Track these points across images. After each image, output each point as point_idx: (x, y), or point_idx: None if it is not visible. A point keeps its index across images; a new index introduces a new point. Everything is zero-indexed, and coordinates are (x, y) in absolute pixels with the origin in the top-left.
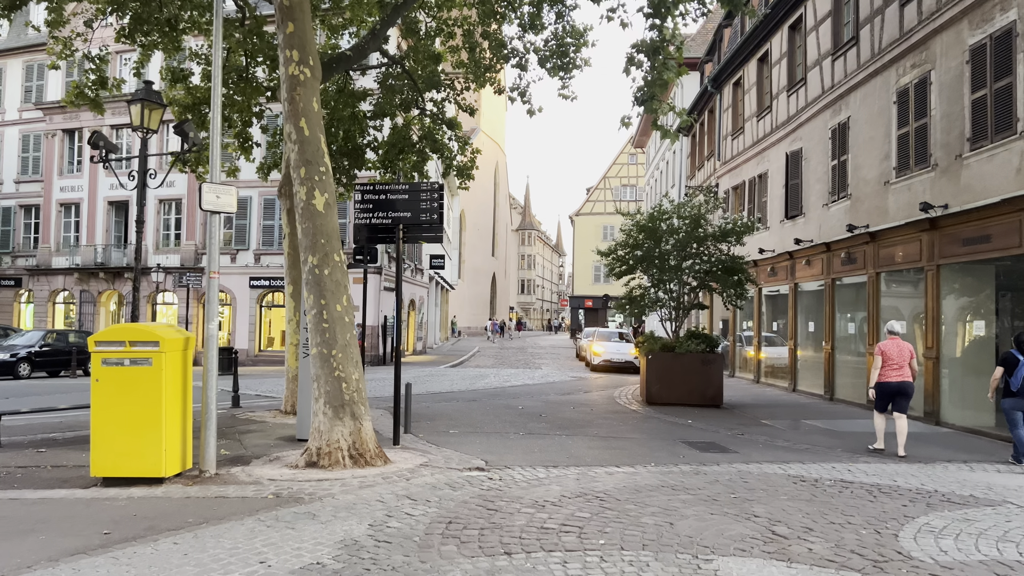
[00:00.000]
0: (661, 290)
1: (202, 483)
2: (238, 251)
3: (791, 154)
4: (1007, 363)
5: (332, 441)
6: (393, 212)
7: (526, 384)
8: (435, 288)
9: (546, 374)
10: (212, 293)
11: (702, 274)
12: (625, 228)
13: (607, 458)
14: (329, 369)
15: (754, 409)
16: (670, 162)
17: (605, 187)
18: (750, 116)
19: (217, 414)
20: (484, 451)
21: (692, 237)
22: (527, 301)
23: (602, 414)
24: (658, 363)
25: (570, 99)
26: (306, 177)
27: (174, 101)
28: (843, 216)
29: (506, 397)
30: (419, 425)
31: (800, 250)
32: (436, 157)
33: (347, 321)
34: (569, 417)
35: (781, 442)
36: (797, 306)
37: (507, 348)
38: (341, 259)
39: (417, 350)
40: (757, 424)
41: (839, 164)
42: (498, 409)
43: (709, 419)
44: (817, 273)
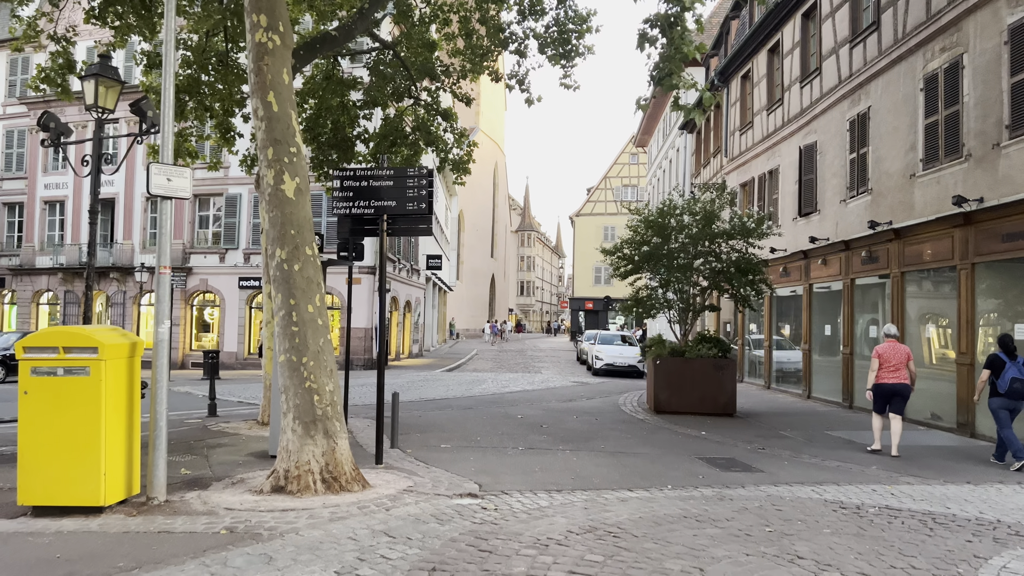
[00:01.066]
0: (670, 291)
1: (148, 513)
2: (227, 250)
3: (805, 148)
4: (994, 365)
5: (302, 462)
6: (376, 201)
7: (525, 390)
8: (432, 289)
9: (546, 379)
10: (162, 291)
11: (714, 274)
12: (632, 224)
13: (617, 479)
14: (299, 379)
15: (770, 418)
16: (673, 160)
17: (606, 187)
18: (759, 110)
19: (188, 425)
20: (479, 471)
21: (704, 234)
22: (526, 303)
23: (608, 424)
24: (667, 369)
25: (572, 88)
26: (274, 159)
27: (151, 89)
28: (863, 212)
29: (504, 405)
30: (408, 438)
31: (815, 249)
32: (430, 150)
33: (320, 324)
34: (572, 428)
35: (807, 458)
36: (812, 308)
37: (506, 351)
38: (314, 253)
39: (413, 353)
40: (776, 436)
41: (858, 157)
42: (495, 419)
43: (724, 430)
44: (834, 273)
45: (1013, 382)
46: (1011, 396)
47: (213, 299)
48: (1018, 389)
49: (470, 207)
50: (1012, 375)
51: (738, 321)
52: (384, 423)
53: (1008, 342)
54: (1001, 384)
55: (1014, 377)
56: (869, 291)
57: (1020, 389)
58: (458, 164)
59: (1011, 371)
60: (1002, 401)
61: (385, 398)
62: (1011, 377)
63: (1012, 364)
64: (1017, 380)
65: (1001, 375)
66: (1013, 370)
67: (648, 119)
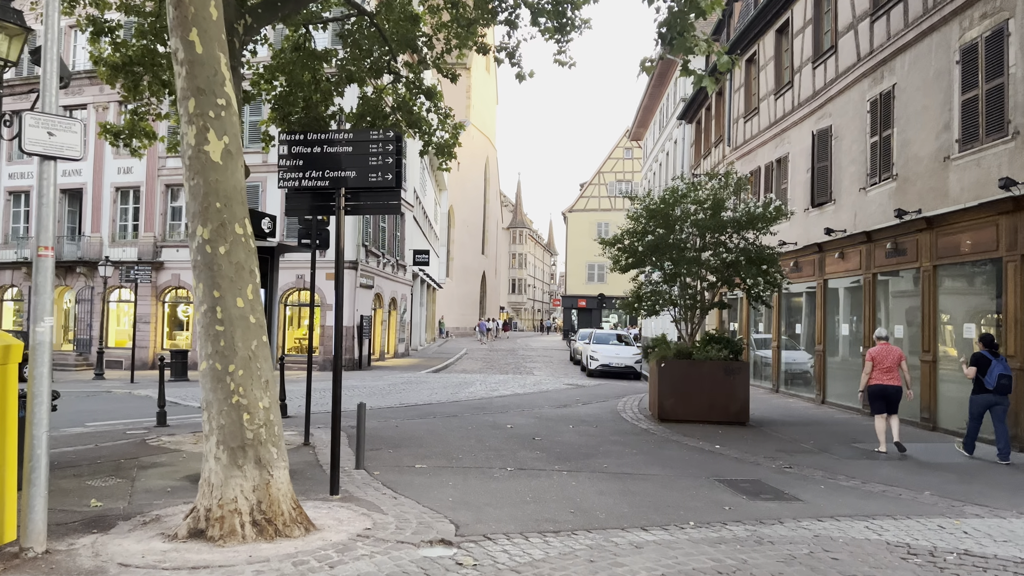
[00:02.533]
0: (675, 285)
1: (16, 570)
2: None
3: (818, 133)
4: (980, 363)
5: (227, 500)
6: (332, 171)
7: (516, 394)
8: (420, 286)
9: (539, 381)
10: (42, 278)
11: (724, 266)
12: (633, 213)
13: (627, 512)
14: (224, 393)
15: (787, 428)
16: (671, 152)
17: (599, 182)
18: (766, 95)
19: (128, 438)
20: (458, 502)
21: (713, 223)
22: (518, 301)
23: (609, 436)
24: (672, 372)
25: (567, 65)
26: (196, 112)
27: (99, 61)
28: (887, 201)
29: (493, 411)
30: (378, 456)
31: (831, 242)
32: (413, 133)
33: (253, 323)
34: (569, 441)
35: (844, 479)
36: (826, 306)
37: (496, 350)
38: (246, 233)
39: (399, 352)
40: (800, 451)
41: (881, 141)
42: (482, 429)
43: (739, 443)
44: (853, 267)
45: (1000, 378)
46: (999, 391)
47: (187, 295)
48: (1005, 385)
49: (461, 203)
50: (999, 371)
51: (743, 319)
52: (355, 439)
53: (991, 340)
54: (988, 381)
55: (1001, 373)
56: (894, 287)
57: (1007, 384)
58: (443, 148)
59: (997, 368)
60: (987, 397)
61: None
62: (998, 373)
63: (997, 361)
64: (1004, 376)
65: (988, 372)
66: (999, 367)
67: (643, 111)
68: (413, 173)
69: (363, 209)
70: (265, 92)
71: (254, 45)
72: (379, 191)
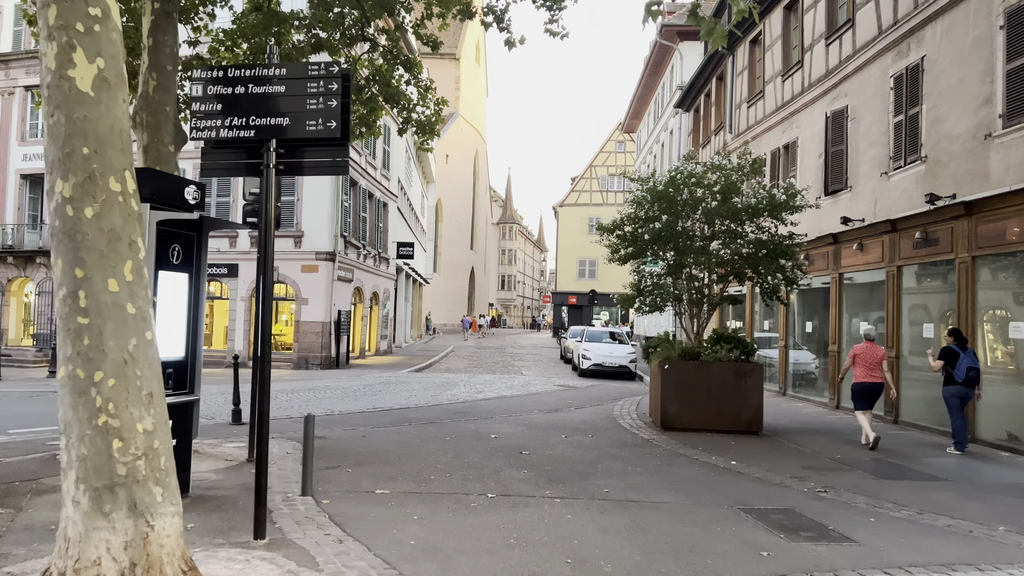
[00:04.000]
0: (680, 278)
1: None
2: None
3: (832, 115)
4: (948, 357)
5: (86, 561)
6: (259, 118)
7: (503, 396)
8: (406, 281)
9: (527, 381)
10: None
11: (737, 259)
12: (636, 196)
13: (640, 562)
14: (88, 411)
15: (806, 439)
16: (666, 144)
17: (591, 176)
18: (773, 76)
19: (46, 450)
20: (421, 547)
21: (724, 210)
22: (507, 297)
23: (607, 448)
24: (677, 375)
25: (560, 36)
26: (59, 25)
27: None
28: (914, 186)
29: (476, 417)
30: (333, 478)
31: (849, 232)
32: (391, 109)
33: (132, 313)
34: (562, 456)
35: (894, 508)
36: (842, 302)
37: (484, 348)
38: (126, 190)
39: (381, 350)
40: (829, 467)
41: (907, 120)
42: (462, 440)
43: (758, 458)
44: (874, 260)
45: (969, 371)
46: (967, 384)
47: None
48: (973, 377)
49: (449, 196)
50: (967, 364)
51: (747, 317)
52: (265, 477)
53: (959, 334)
54: (958, 373)
55: (969, 366)
56: (924, 281)
57: (975, 377)
58: (424, 125)
59: (965, 361)
60: (957, 389)
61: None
62: (967, 366)
63: (965, 355)
64: (972, 369)
65: (956, 365)
66: (967, 360)
67: (637, 101)
68: (398, 162)
69: (301, 168)
70: (227, 61)
71: (213, 8)
72: (321, 145)
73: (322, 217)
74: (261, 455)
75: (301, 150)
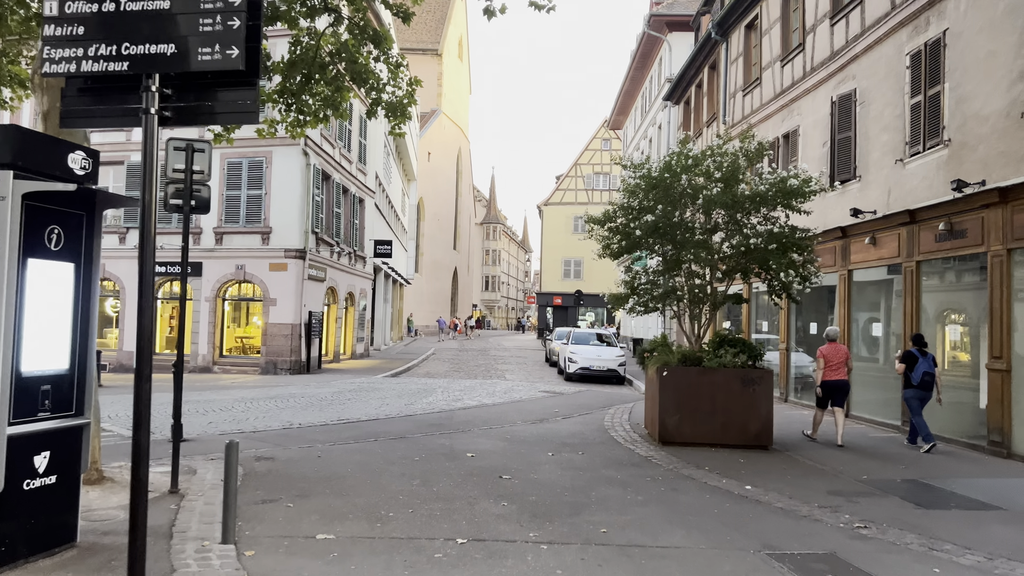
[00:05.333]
0: (678, 275)
1: None
2: (128, 229)
3: (839, 99)
4: (909, 360)
5: None
6: (134, 44)
7: (483, 404)
8: (385, 281)
9: (510, 387)
10: None
11: (742, 252)
12: (629, 184)
13: None
14: None
15: (823, 455)
16: (654, 139)
17: (576, 175)
18: (771, 62)
19: None
20: None
21: (727, 199)
22: (491, 298)
23: (601, 469)
24: (677, 383)
25: (545, 9)
26: None
27: None
28: (935, 172)
29: (451, 431)
30: (268, 516)
31: (859, 225)
32: (359, 89)
33: None
34: (549, 481)
35: (955, 549)
36: (851, 302)
37: (467, 350)
38: None
39: (357, 353)
40: (861, 492)
41: (926, 101)
42: (433, 460)
43: (775, 480)
44: (889, 255)
45: (924, 375)
46: (922, 387)
47: (114, 288)
48: (928, 381)
49: (431, 195)
50: (924, 369)
51: (744, 317)
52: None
53: (920, 340)
54: (914, 377)
55: (925, 371)
56: (948, 276)
57: (930, 381)
58: (395, 107)
59: (923, 366)
60: (915, 392)
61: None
62: (923, 371)
63: (923, 360)
64: (928, 374)
65: (915, 369)
66: (924, 365)
67: (624, 96)
68: (376, 156)
69: (195, 115)
70: None
71: None
72: (220, 83)
73: (291, 212)
74: (136, 516)
75: (193, 89)
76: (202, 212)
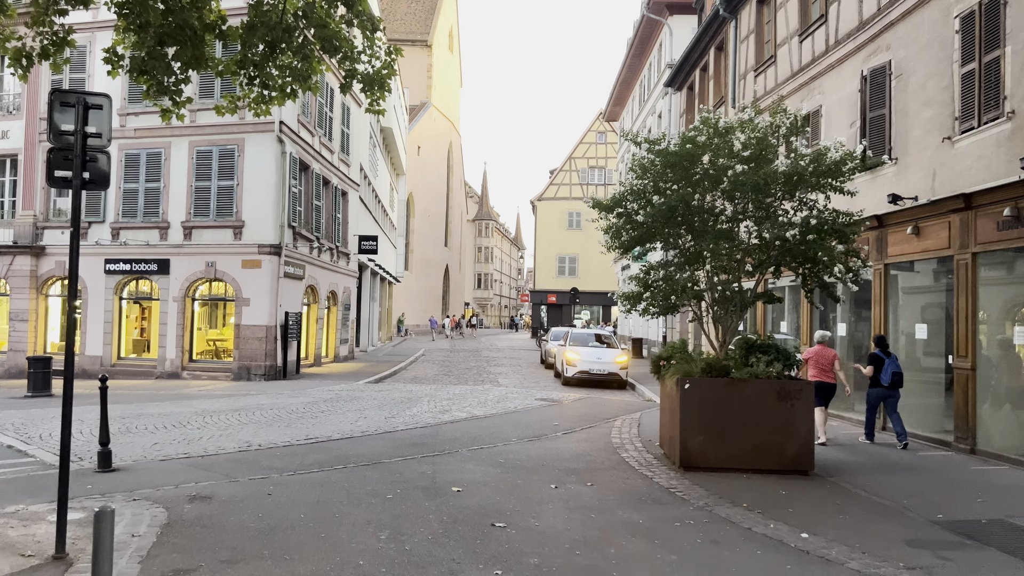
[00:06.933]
0: (700, 270)
1: None
2: (90, 224)
3: (870, 73)
4: (876, 362)
5: None
6: None
7: (473, 417)
8: (372, 279)
9: (504, 395)
10: None
11: (779, 244)
12: (644, 160)
13: None
14: None
15: (875, 481)
16: (654, 128)
17: (571, 168)
18: (787, 38)
19: None
20: None
21: (762, 178)
22: (484, 296)
23: (617, 510)
24: (701, 397)
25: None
26: None
27: None
28: (993, 150)
29: (435, 453)
30: None
31: (899, 213)
32: (331, 59)
33: None
34: (554, 531)
35: None
36: (889, 299)
37: (459, 351)
38: None
39: (340, 356)
40: (949, 542)
41: (980, 69)
42: (408, 500)
43: (831, 520)
44: (937, 246)
45: (894, 375)
46: (893, 386)
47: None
48: (897, 380)
49: (422, 190)
50: (892, 369)
51: (759, 317)
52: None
53: (882, 341)
54: (884, 377)
55: (894, 371)
56: (1015, 270)
57: (899, 380)
58: (372, 80)
59: (890, 366)
60: (880, 392)
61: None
62: (892, 371)
63: (889, 361)
64: (896, 373)
65: (883, 370)
66: (891, 365)
67: (621, 86)
68: (360, 147)
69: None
70: None
71: None
72: None
73: (266, 204)
74: None
75: None
76: (99, 188)
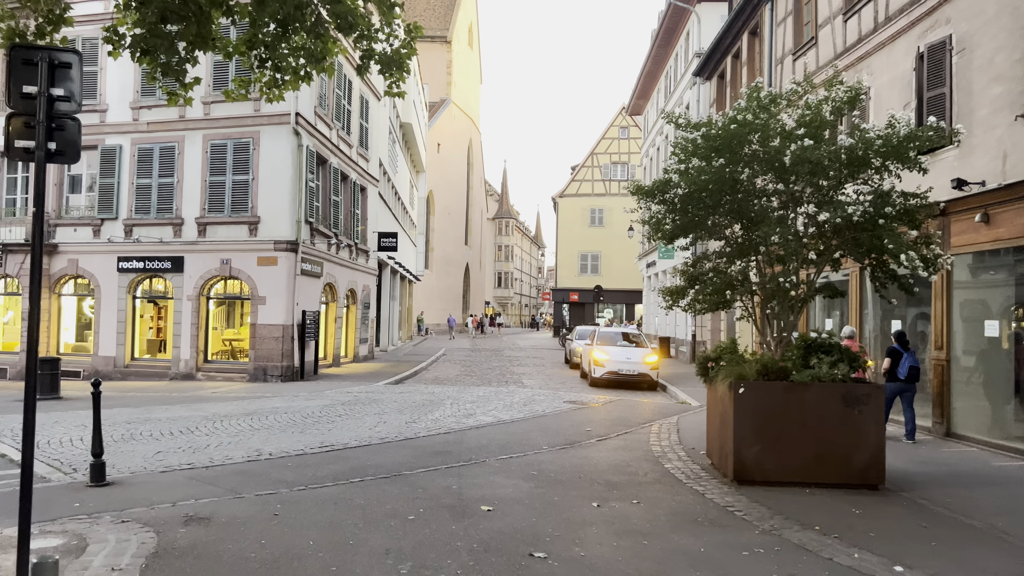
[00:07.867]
0: (753, 261)
1: None
2: (103, 221)
3: (928, 50)
4: (894, 356)
5: None
6: None
7: (500, 422)
8: (392, 277)
9: (530, 397)
10: None
11: (846, 228)
12: (689, 143)
13: None
14: None
15: (956, 496)
16: None
17: (593, 164)
18: (830, 17)
19: None
20: None
21: (825, 154)
22: (504, 295)
23: (671, 535)
24: (757, 403)
25: None
26: None
27: None
28: None
29: (461, 462)
30: None
31: (965, 199)
32: (347, 39)
33: None
34: (602, 565)
35: None
36: (952, 294)
37: (480, 350)
38: None
39: (360, 355)
40: None
41: None
42: (432, 521)
43: (924, 549)
44: (1011, 235)
45: (911, 369)
46: (909, 380)
47: (88, 285)
48: (914, 375)
49: (442, 188)
50: (909, 363)
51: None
52: None
53: (902, 337)
54: (901, 371)
55: (911, 365)
56: None
57: (916, 374)
58: (391, 60)
59: (908, 360)
60: (898, 386)
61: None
62: (909, 365)
63: (908, 355)
64: (914, 368)
65: (900, 364)
66: (909, 359)
67: (645, 78)
68: (379, 141)
69: None
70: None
71: None
72: None
73: (282, 200)
74: None
75: None
76: (68, 161)
